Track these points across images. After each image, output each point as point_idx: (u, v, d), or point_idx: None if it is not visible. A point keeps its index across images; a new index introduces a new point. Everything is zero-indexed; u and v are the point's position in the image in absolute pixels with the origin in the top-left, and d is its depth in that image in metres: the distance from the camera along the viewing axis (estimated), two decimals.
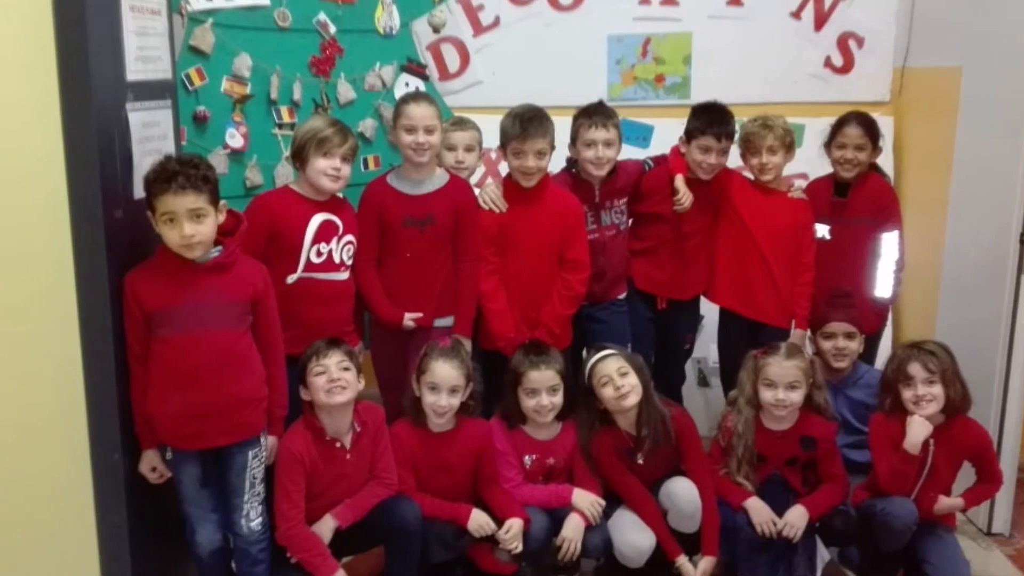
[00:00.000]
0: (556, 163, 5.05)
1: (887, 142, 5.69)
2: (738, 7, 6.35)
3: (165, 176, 3.66)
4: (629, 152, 5.43)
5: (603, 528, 4.54)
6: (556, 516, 4.52)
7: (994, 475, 4.59)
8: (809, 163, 5.65)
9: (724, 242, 5.34)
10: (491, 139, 5.11)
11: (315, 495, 4.22)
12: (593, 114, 4.96)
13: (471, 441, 4.54)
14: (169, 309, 3.76)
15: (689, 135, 5.12)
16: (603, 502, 4.55)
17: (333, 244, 4.53)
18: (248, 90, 5.05)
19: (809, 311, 5.19)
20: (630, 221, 5.28)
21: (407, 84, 5.95)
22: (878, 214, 5.29)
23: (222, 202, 3.84)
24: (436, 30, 6.17)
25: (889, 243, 5.30)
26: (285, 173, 5.15)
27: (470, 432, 4.55)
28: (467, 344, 4.78)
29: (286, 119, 5.22)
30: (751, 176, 5.29)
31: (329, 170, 4.43)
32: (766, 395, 4.52)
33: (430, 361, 4.41)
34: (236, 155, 5.04)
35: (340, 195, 4.64)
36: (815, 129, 5.63)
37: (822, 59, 6.41)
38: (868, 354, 5.31)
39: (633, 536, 4.49)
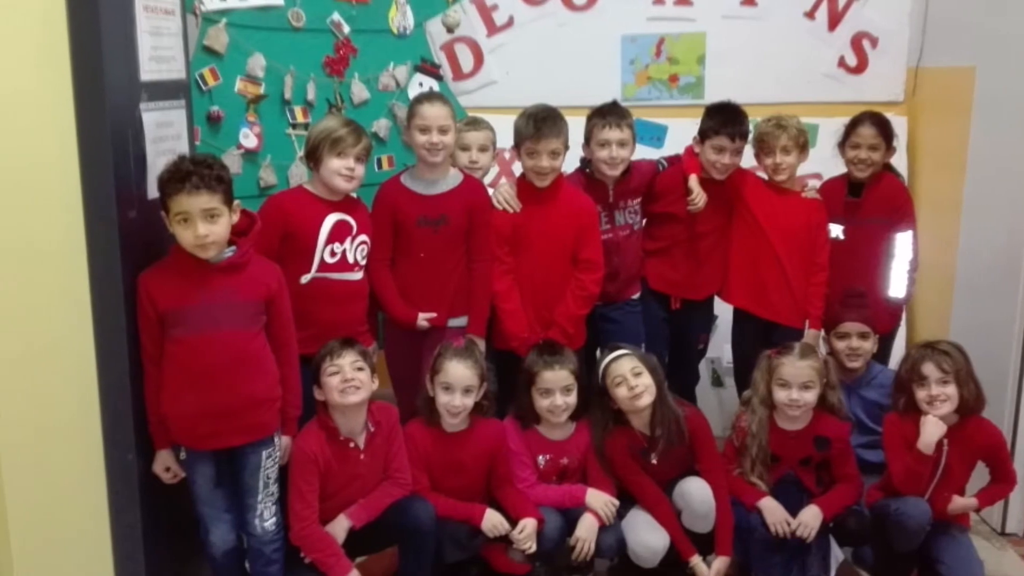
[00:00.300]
0: (570, 163, 5.05)
1: (901, 142, 5.69)
2: (752, 7, 6.35)
3: (179, 176, 3.66)
4: (643, 152, 5.43)
5: (617, 528, 4.54)
6: (570, 516, 4.51)
7: (1008, 475, 4.58)
8: (823, 163, 5.64)
9: (738, 242, 5.34)
10: (505, 139, 5.11)
11: (329, 495, 4.22)
12: (607, 114, 4.96)
13: (485, 441, 4.54)
14: (183, 309, 3.76)
15: (703, 135, 5.12)
16: (617, 502, 4.55)
17: (347, 244, 4.53)
18: (262, 90, 5.05)
19: (823, 311, 5.19)
20: (644, 221, 5.28)
21: (421, 84, 5.95)
22: (892, 214, 5.28)
23: (236, 202, 3.84)
24: (450, 30, 6.17)
25: (903, 243, 5.29)
26: (299, 173, 5.16)
27: (484, 432, 4.55)
28: (481, 344, 4.79)
29: (300, 119, 5.22)
30: (765, 176, 5.29)
31: (343, 170, 4.43)
32: (780, 395, 4.52)
33: (444, 361, 4.41)
34: (250, 155, 5.04)
35: (354, 195, 4.64)
36: (829, 129, 5.61)
37: (836, 59, 6.40)
38: (882, 354, 5.30)
39: (647, 536, 4.48)
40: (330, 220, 4.48)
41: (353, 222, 4.55)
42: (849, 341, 4.99)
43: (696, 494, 4.51)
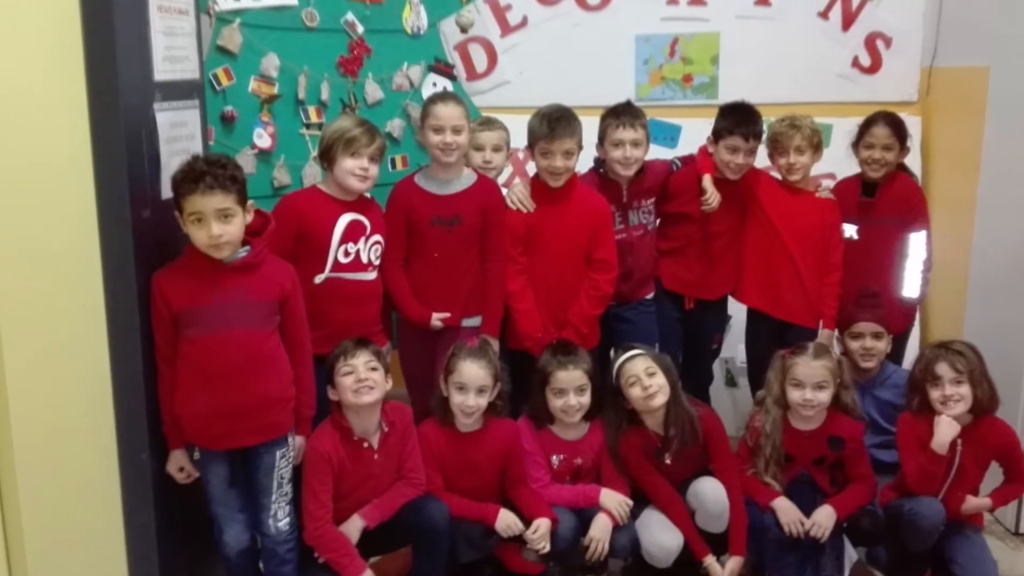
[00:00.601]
0: (584, 163, 5.05)
1: (915, 142, 5.69)
2: (766, 7, 6.34)
3: (193, 176, 3.66)
4: (657, 152, 5.43)
5: (631, 528, 4.54)
6: (584, 516, 4.51)
7: (1022, 475, 4.55)
8: (837, 163, 5.63)
9: (752, 242, 5.33)
10: (519, 139, 5.11)
11: (343, 495, 4.22)
12: (621, 114, 4.95)
13: (499, 441, 4.53)
14: (197, 309, 3.76)
15: (717, 135, 5.11)
16: (631, 502, 4.54)
17: (361, 244, 4.53)
18: (276, 90, 5.05)
19: (837, 311, 5.18)
20: (658, 221, 5.28)
21: (435, 84, 5.95)
22: (906, 214, 5.28)
23: (250, 202, 3.84)
24: (464, 30, 6.18)
25: (917, 243, 5.29)
26: (313, 173, 5.16)
27: (498, 432, 4.54)
28: (495, 344, 4.79)
29: (314, 119, 5.22)
30: (779, 176, 5.28)
31: (357, 170, 4.43)
32: (794, 395, 4.51)
33: (458, 361, 4.40)
34: (264, 155, 5.04)
35: (368, 195, 4.64)
36: (843, 129, 5.61)
37: (850, 59, 6.39)
38: (896, 354, 5.29)
39: (661, 536, 4.48)
40: (344, 220, 4.48)
41: (367, 222, 4.55)
42: (863, 341, 4.98)
43: (710, 494, 4.51)
